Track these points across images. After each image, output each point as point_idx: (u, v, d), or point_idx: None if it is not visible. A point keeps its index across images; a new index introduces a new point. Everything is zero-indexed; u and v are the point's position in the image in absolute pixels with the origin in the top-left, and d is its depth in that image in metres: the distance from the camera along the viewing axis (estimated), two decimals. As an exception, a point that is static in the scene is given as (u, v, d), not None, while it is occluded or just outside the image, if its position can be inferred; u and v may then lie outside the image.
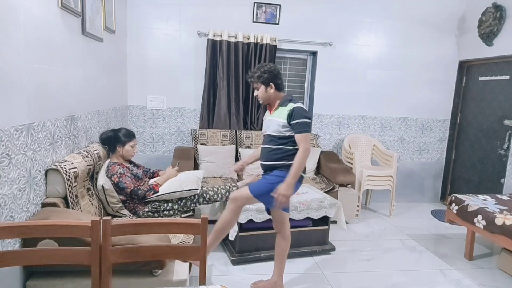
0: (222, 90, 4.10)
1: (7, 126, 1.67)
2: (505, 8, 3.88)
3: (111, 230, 1.40)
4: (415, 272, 2.96)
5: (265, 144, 2.37)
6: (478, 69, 4.46)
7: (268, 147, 2.33)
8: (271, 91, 2.33)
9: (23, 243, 1.81)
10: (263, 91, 2.34)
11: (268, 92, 2.33)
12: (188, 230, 1.56)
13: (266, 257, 2.94)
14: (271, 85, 2.32)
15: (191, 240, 2.39)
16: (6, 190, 1.68)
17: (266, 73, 2.30)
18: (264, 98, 2.38)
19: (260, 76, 2.31)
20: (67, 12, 2.26)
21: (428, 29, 4.51)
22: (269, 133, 2.33)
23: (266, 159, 2.35)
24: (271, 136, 2.32)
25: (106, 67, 3.20)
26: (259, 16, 4.18)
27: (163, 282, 1.89)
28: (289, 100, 2.31)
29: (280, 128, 2.26)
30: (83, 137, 2.66)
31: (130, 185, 2.58)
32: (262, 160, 2.40)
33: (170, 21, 4.05)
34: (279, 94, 2.36)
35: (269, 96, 2.35)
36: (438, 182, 4.93)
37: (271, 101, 2.39)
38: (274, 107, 2.39)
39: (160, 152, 4.28)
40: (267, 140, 2.35)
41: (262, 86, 2.33)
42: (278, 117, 2.29)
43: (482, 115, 4.36)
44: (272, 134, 2.31)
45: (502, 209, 2.86)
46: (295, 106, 2.24)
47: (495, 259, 3.24)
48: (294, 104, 2.27)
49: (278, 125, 2.27)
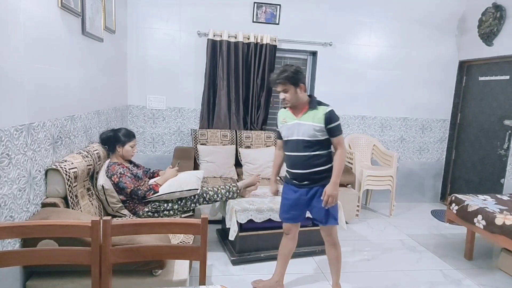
0: (222, 90, 4.10)
1: (7, 126, 1.67)
2: (505, 8, 3.88)
3: (111, 230, 1.40)
4: (415, 272, 2.96)
5: (298, 152, 2.24)
6: (478, 69, 4.46)
7: (304, 154, 2.22)
8: (301, 93, 2.21)
9: (23, 243, 1.81)
10: (293, 92, 2.19)
11: (298, 94, 2.20)
12: (188, 230, 1.56)
13: (266, 257, 2.94)
14: (301, 86, 2.20)
15: (191, 240, 2.39)
16: (6, 190, 1.68)
17: (296, 73, 2.17)
18: (294, 101, 2.22)
19: (291, 77, 2.16)
20: (67, 12, 2.26)
21: (428, 29, 4.51)
22: (303, 138, 2.21)
23: (304, 167, 2.24)
24: (305, 141, 2.20)
25: (106, 67, 3.20)
26: (259, 16, 4.18)
27: (163, 282, 1.88)
28: (318, 103, 2.23)
29: (316, 133, 2.18)
30: (83, 137, 2.66)
31: (130, 185, 2.58)
32: (296, 168, 2.28)
33: (170, 21, 4.05)
34: (305, 95, 2.26)
35: (299, 98, 2.22)
36: (438, 182, 4.93)
37: (299, 103, 2.25)
38: (301, 109, 2.25)
39: (160, 152, 4.28)
40: (301, 147, 2.22)
41: (292, 88, 2.18)
42: (312, 121, 2.18)
43: (482, 115, 4.36)
44: (307, 139, 2.20)
45: (502, 209, 2.86)
46: (329, 110, 2.19)
47: (495, 259, 3.24)
48: (326, 106, 2.21)
49: (314, 129, 2.18)
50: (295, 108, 2.27)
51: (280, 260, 2.52)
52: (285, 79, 2.16)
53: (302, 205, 2.35)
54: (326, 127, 2.17)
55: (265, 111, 4.31)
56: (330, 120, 2.17)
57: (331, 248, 2.42)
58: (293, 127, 2.25)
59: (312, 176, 2.26)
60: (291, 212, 2.40)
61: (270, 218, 2.89)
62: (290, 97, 2.21)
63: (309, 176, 2.26)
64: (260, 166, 3.96)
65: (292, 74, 2.16)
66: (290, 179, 2.36)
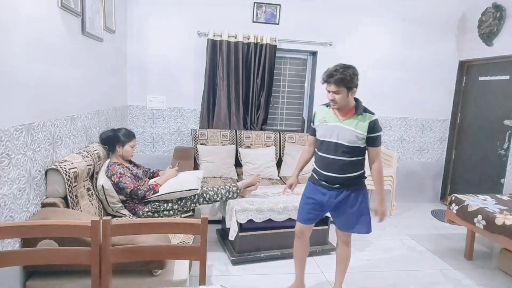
0: (222, 90, 4.10)
1: (7, 126, 1.67)
2: (505, 8, 3.88)
3: (111, 230, 1.40)
4: (415, 272, 2.96)
5: (336, 155, 2.15)
6: (478, 69, 4.46)
7: (341, 159, 2.14)
8: (351, 96, 2.11)
9: (23, 243, 1.81)
10: (345, 96, 2.08)
11: (349, 97, 2.10)
12: (188, 230, 1.56)
13: (266, 257, 2.94)
14: (353, 90, 2.09)
15: (191, 240, 2.39)
16: (6, 190, 1.68)
17: (353, 77, 2.05)
18: (342, 104, 2.11)
19: (347, 80, 2.04)
20: (67, 12, 2.26)
21: (428, 29, 4.51)
22: (343, 142, 2.12)
23: (338, 171, 2.16)
24: (345, 146, 2.12)
25: (106, 67, 3.20)
26: (259, 16, 4.18)
27: (163, 282, 1.89)
28: (364, 109, 2.14)
29: (357, 140, 2.11)
30: (83, 137, 2.66)
31: (130, 185, 2.58)
32: (330, 171, 2.19)
33: (170, 21, 4.05)
34: (353, 99, 2.15)
35: (348, 102, 2.12)
36: (438, 182, 4.93)
37: (346, 106, 2.15)
38: (346, 112, 2.15)
39: (160, 152, 4.28)
40: (339, 151, 2.13)
41: (345, 91, 2.06)
42: (355, 127, 2.10)
43: (482, 115, 4.36)
44: (347, 145, 2.11)
45: (502, 209, 2.86)
46: (374, 118, 2.11)
47: (495, 259, 3.24)
48: (371, 114, 2.13)
49: (356, 136, 2.10)
50: (339, 109, 2.17)
51: (298, 265, 2.48)
52: (341, 81, 2.04)
53: (327, 207, 2.28)
54: (367, 135, 2.10)
55: (265, 111, 4.31)
56: (373, 130, 2.10)
57: (344, 246, 2.40)
58: (333, 128, 2.15)
59: (345, 181, 2.19)
60: (313, 213, 2.31)
61: (270, 218, 2.89)
62: (340, 100, 2.09)
63: (342, 181, 2.18)
64: (260, 166, 3.97)
65: (349, 78, 2.04)
66: (319, 180, 2.26)
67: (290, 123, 4.68)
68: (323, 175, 2.23)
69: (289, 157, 4.16)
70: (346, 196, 2.21)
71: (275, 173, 4.06)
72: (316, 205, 2.29)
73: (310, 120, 2.44)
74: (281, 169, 4.15)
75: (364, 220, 2.25)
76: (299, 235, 2.42)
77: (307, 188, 2.37)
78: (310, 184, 2.35)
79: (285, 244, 3.02)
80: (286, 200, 3.03)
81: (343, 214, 2.26)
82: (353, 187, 2.21)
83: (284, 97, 4.59)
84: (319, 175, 2.26)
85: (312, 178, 2.35)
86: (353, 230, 2.28)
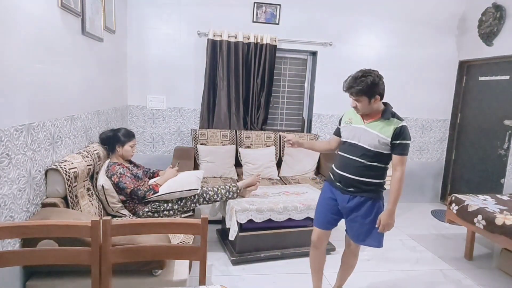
0: (222, 90, 4.10)
1: (7, 126, 1.67)
2: (505, 8, 3.88)
3: (111, 230, 1.40)
4: (415, 272, 2.96)
5: (354, 156, 2.09)
6: (478, 69, 4.46)
7: (360, 161, 2.06)
8: (375, 103, 2.03)
9: (23, 243, 1.81)
10: (366, 104, 2.02)
11: (371, 105, 2.02)
12: (188, 230, 1.56)
13: (266, 257, 2.94)
14: (376, 98, 2.01)
15: (191, 240, 2.39)
16: (6, 190, 1.68)
17: (372, 86, 1.97)
18: (365, 111, 2.06)
19: (365, 91, 1.97)
20: (67, 12, 2.26)
21: (428, 29, 4.51)
22: (364, 145, 2.05)
23: (354, 173, 2.09)
24: (365, 149, 2.05)
25: (106, 67, 3.20)
26: (259, 16, 4.18)
27: (163, 282, 1.88)
28: (392, 114, 2.06)
29: (380, 145, 2.02)
30: (83, 137, 2.66)
31: (130, 185, 2.58)
32: (345, 171, 2.12)
33: (170, 21, 4.05)
34: (380, 104, 2.08)
35: (372, 108, 2.05)
36: (438, 182, 4.93)
37: (372, 111, 2.08)
38: (372, 116, 2.08)
39: (160, 152, 4.28)
40: (359, 154, 2.07)
41: (366, 100, 2.00)
42: (379, 132, 2.02)
43: (482, 115, 4.36)
44: (368, 148, 2.04)
45: (502, 209, 2.86)
46: (402, 125, 2.02)
47: (495, 259, 3.24)
48: (399, 120, 2.04)
49: (379, 141, 2.01)
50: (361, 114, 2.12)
51: (315, 276, 2.40)
52: (359, 92, 1.98)
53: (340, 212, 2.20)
54: (392, 141, 2.01)
55: (265, 111, 4.31)
56: (398, 136, 2.00)
57: (352, 256, 2.34)
58: (357, 131, 2.09)
59: (360, 185, 2.09)
60: (332, 216, 2.22)
61: (270, 218, 2.89)
62: (361, 107, 2.04)
63: (357, 184, 2.09)
64: (260, 166, 3.97)
65: (367, 87, 1.96)
66: (334, 180, 2.19)
67: (290, 123, 4.67)
68: (338, 175, 2.16)
69: (289, 157, 4.16)
70: (359, 204, 2.11)
71: (275, 173, 4.06)
72: (335, 206, 2.20)
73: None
74: (281, 169, 4.15)
75: (376, 234, 2.14)
76: (316, 243, 2.29)
77: (324, 189, 2.30)
78: (327, 184, 2.28)
79: (285, 244, 3.02)
80: (286, 200, 3.03)
81: (355, 223, 2.16)
82: (368, 194, 2.10)
83: (284, 97, 4.59)
84: (335, 175, 2.20)
85: (328, 179, 2.29)
86: (364, 242, 2.19)
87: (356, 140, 2.09)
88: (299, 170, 4.11)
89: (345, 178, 2.12)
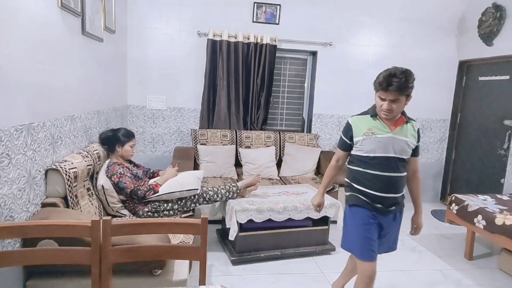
0: (222, 90, 4.10)
1: (7, 126, 1.67)
2: (505, 8, 3.88)
3: (111, 230, 1.40)
4: (415, 272, 2.96)
5: (394, 172, 1.88)
6: (478, 69, 4.46)
7: (400, 175, 1.91)
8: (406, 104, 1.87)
9: (23, 243, 1.81)
10: (402, 105, 1.83)
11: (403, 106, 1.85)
12: (188, 230, 1.56)
13: (266, 257, 2.94)
14: (411, 97, 1.84)
15: (191, 240, 2.39)
16: (6, 190, 1.68)
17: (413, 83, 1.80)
18: (397, 113, 1.87)
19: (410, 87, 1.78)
20: (67, 12, 2.26)
21: (428, 29, 4.51)
22: (398, 156, 1.87)
23: (398, 190, 1.92)
24: (400, 159, 1.88)
25: (106, 67, 3.20)
26: (259, 16, 4.18)
27: (163, 282, 1.88)
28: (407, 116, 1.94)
29: (409, 151, 1.90)
30: (83, 137, 2.66)
31: (130, 185, 2.58)
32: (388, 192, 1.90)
33: (170, 21, 4.05)
34: None
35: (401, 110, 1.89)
36: (438, 182, 4.93)
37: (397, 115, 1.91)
38: (396, 121, 1.90)
39: (160, 152, 4.28)
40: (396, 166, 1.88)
41: (404, 100, 1.81)
42: (406, 137, 1.88)
43: (482, 115, 4.36)
44: (401, 157, 1.88)
45: (502, 209, 2.86)
46: (418, 125, 1.96)
47: (495, 259, 3.24)
48: (414, 121, 1.95)
49: (408, 147, 1.88)
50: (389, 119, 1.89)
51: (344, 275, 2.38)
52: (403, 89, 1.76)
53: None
54: (416, 144, 1.94)
55: (265, 111, 4.31)
56: (419, 137, 1.94)
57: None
58: (387, 141, 1.85)
59: (401, 199, 1.97)
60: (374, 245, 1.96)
61: (270, 218, 2.89)
62: (397, 109, 1.82)
63: (399, 199, 1.95)
64: (260, 166, 3.97)
65: (411, 84, 1.78)
66: (372, 203, 1.92)
67: (290, 123, 4.67)
68: (378, 197, 1.90)
69: (289, 157, 4.16)
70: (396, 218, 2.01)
71: (275, 173, 4.06)
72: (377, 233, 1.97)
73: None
74: (281, 169, 4.15)
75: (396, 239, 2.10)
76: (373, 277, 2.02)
77: (360, 215, 1.96)
78: (362, 210, 1.95)
79: (285, 244, 3.02)
80: (286, 200, 3.03)
81: (390, 237, 2.05)
82: (401, 205, 2.01)
83: (284, 97, 4.59)
84: (371, 197, 1.91)
85: (359, 202, 1.95)
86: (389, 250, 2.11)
87: (391, 153, 1.87)
88: (299, 170, 4.11)
89: (389, 199, 1.91)
